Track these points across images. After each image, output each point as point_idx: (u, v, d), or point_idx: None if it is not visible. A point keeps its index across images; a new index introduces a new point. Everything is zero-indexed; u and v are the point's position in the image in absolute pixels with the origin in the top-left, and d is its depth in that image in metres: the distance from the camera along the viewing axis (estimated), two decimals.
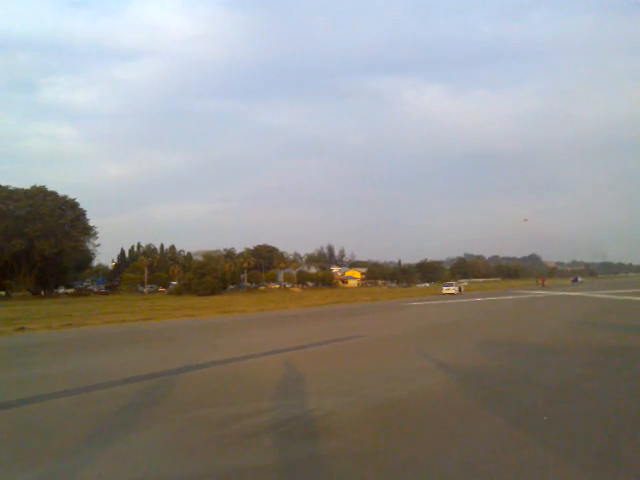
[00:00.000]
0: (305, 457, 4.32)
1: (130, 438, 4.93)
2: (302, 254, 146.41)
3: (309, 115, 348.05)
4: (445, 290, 52.78)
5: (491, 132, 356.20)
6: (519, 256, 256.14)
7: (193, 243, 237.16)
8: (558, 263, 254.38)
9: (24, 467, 4.21)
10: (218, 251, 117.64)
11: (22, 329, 18.17)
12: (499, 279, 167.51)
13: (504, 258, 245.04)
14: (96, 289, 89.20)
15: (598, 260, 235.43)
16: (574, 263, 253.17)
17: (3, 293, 69.28)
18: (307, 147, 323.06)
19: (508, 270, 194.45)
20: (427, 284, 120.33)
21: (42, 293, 74.45)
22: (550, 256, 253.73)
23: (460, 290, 53.49)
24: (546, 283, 74.93)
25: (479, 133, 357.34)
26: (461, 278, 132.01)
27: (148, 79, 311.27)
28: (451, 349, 10.86)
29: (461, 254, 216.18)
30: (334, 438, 4.81)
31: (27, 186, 74.40)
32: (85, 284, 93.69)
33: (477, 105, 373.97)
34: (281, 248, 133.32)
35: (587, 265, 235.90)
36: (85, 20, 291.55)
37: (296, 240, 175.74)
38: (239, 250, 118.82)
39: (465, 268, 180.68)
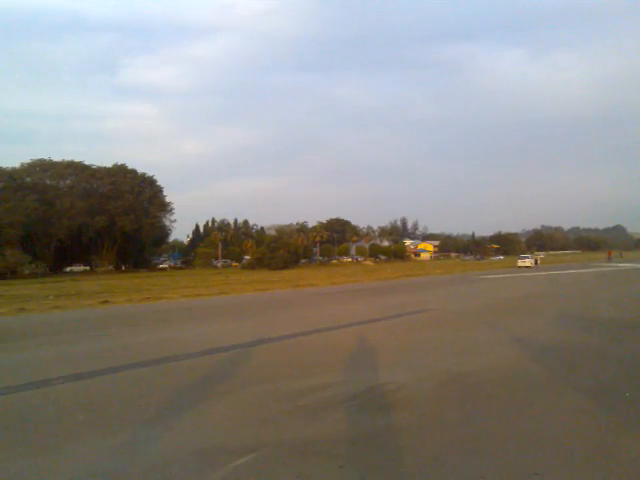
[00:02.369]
0: (376, 430, 4.29)
1: (205, 408, 5.08)
2: (375, 227, 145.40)
3: (380, 86, 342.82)
4: (520, 263, 50.49)
5: (572, 98, 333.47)
6: (601, 227, 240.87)
7: (266, 217, 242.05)
8: None
9: (104, 434, 4.40)
10: (291, 225, 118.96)
11: (106, 302, 19.39)
12: (579, 251, 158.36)
13: (585, 229, 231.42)
14: (172, 264, 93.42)
15: None
16: None
17: (88, 268, 74.22)
18: (379, 119, 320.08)
19: (589, 242, 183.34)
20: (501, 257, 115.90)
21: (123, 268, 79.11)
22: (637, 227, 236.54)
23: (536, 263, 51.15)
24: (612, 256, 70.26)
25: (559, 99, 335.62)
26: (537, 250, 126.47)
27: (221, 56, 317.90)
28: (524, 323, 10.45)
29: (538, 226, 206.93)
30: (405, 411, 4.76)
31: (109, 164, 79.24)
32: (162, 259, 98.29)
33: (557, 69, 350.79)
34: (354, 221, 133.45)
35: None
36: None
37: (369, 213, 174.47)
38: (312, 224, 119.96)
39: (542, 240, 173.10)
